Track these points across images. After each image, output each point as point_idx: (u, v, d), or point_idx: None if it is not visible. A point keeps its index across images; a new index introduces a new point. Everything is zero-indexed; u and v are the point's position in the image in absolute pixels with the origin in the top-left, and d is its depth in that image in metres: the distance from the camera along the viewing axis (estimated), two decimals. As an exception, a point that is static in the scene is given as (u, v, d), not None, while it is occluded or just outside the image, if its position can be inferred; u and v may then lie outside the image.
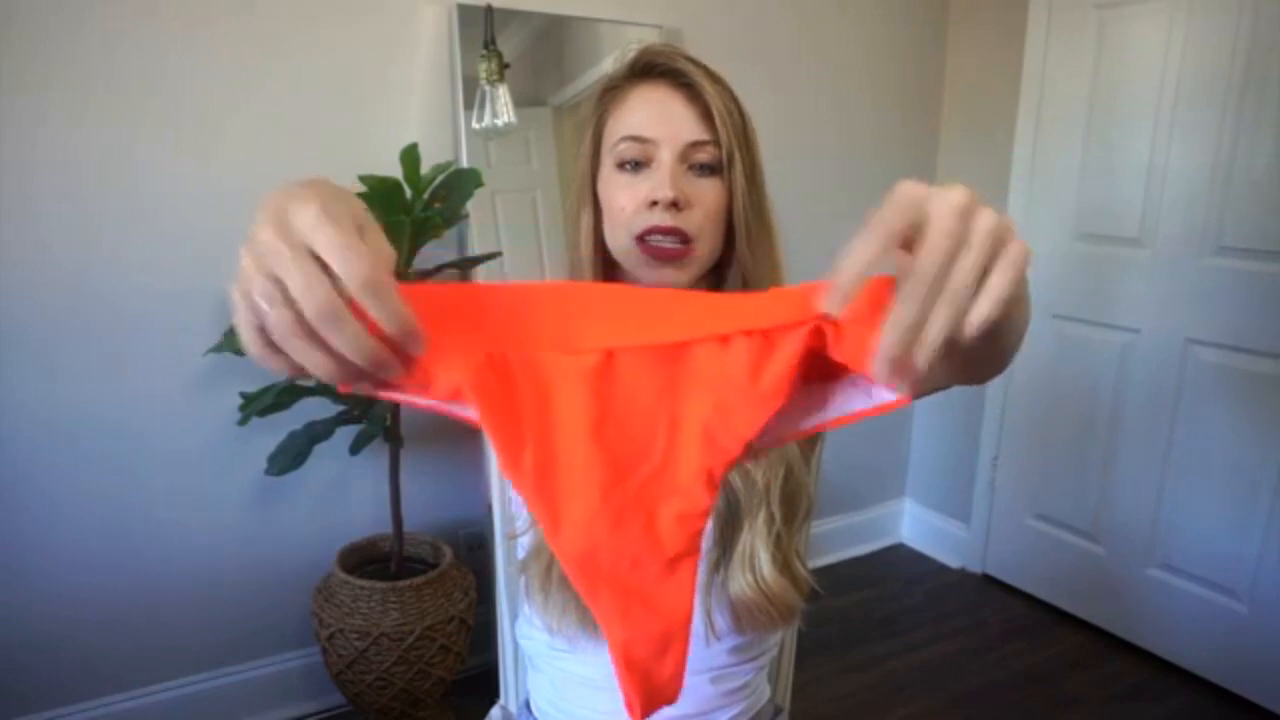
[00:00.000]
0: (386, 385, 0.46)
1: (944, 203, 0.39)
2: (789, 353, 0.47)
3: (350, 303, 0.40)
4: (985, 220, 0.40)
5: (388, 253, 0.42)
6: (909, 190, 0.40)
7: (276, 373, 0.43)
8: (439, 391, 0.47)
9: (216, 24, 1.61)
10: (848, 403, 0.51)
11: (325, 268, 0.39)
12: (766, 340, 0.47)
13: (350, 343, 0.40)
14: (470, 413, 0.48)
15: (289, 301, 0.39)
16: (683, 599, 0.48)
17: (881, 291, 0.43)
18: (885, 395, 0.48)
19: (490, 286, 0.49)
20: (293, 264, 0.38)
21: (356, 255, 0.39)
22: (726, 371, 0.48)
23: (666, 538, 0.48)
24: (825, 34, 2.34)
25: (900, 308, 0.40)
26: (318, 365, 0.41)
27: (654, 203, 0.75)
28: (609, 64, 0.84)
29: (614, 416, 0.49)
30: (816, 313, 0.45)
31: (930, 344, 0.40)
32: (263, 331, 0.40)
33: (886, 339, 0.40)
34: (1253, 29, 1.90)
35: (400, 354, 0.43)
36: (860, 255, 0.40)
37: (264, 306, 0.39)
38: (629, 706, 0.48)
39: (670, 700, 0.49)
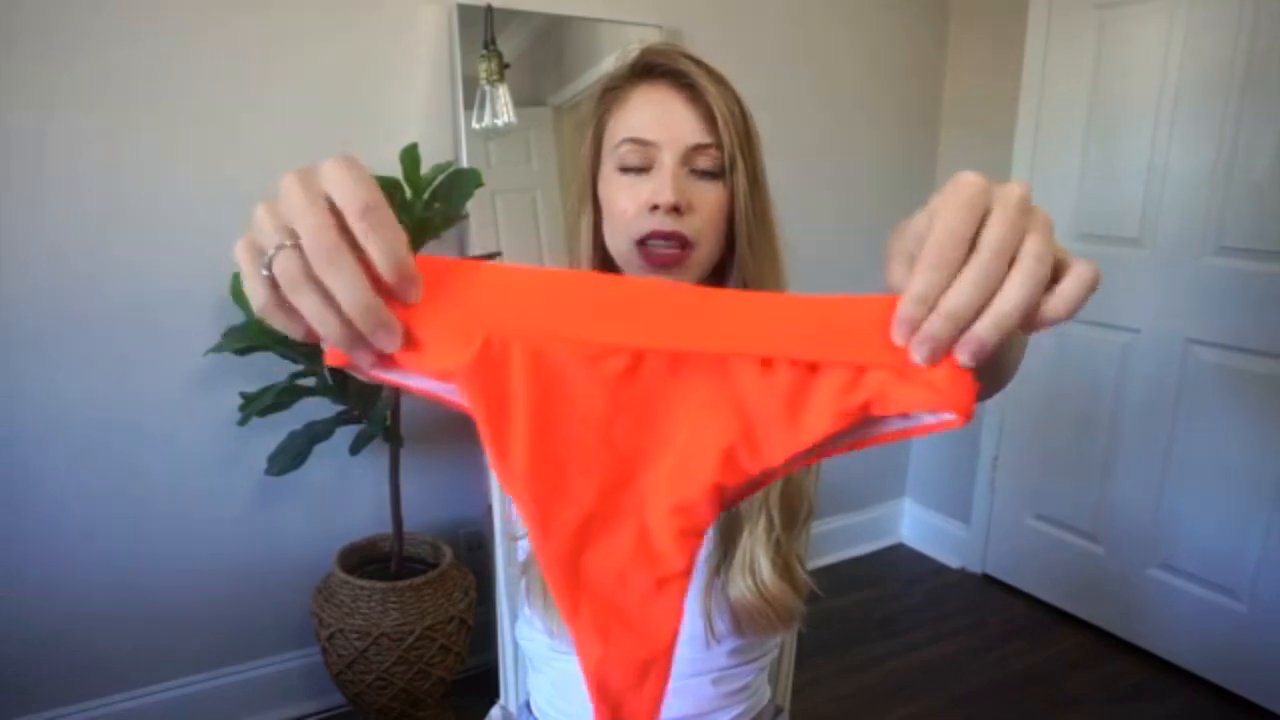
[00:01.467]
0: (383, 361, 0.43)
1: (1009, 196, 0.38)
2: (840, 395, 0.42)
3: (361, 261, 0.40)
4: (1041, 214, 0.39)
5: (400, 231, 0.42)
6: (970, 184, 0.38)
7: (282, 329, 0.42)
8: (430, 369, 0.44)
9: (217, 25, 1.61)
10: (886, 425, 0.45)
11: (337, 215, 0.39)
12: (812, 372, 0.43)
13: (348, 284, 0.39)
14: (463, 399, 0.45)
15: (296, 244, 0.39)
16: (668, 623, 0.44)
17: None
18: (929, 419, 0.43)
19: (513, 267, 0.45)
20: (306, 204, 0.39)
21: (365, 186, 0.39)
22: (764, 398, 0.44)
23: (661, 554, 0.44)
24: (825, 34, 2.34)
25: (966, 276, 0.37)
26: (316, 313, 0.40)
27: (655, 206, 0.74)
28: (609, 64, 0.84)
29: (628, 418, 0.45)
30: (892, 354, 0.41)
31: (1000, 318, 0.37)
32: (269, 283, 0.40)
33: (912, 293, 0.38)
34: (1253, 28, 1.90)
35: (397, 308, 0.42)
36: (935, 285, 0.38)
37: (271, 250, 0.39)
38: None
39: None
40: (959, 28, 2.55)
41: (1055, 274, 0.38)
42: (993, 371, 0.53)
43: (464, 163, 1.81)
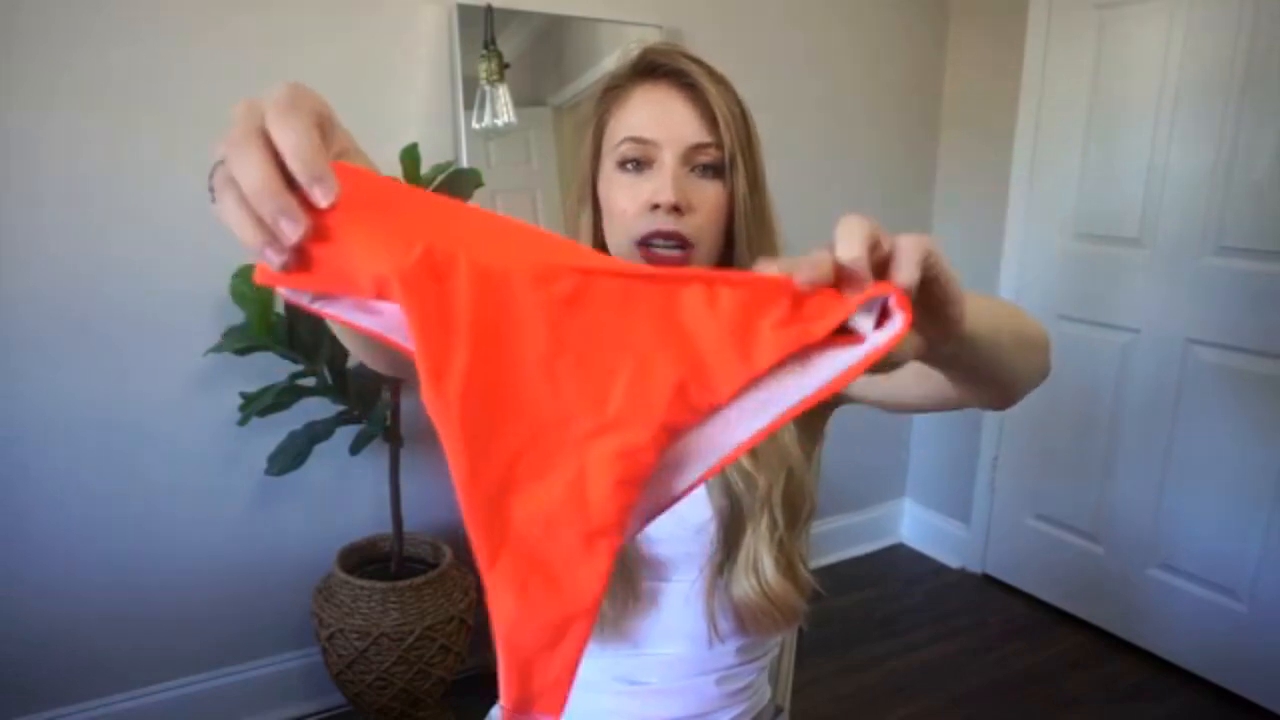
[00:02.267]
0: (315, 287, 0.42)
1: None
2: (783, 321, 0.40)
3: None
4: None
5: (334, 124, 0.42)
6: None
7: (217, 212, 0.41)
8: (364, 285, 0.41)
9: (217, 25, 1.61)
10: (836, 361, 0.42)
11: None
12: (755, 297, 0.41)
13: (250, 171, 0.39)
14: (403, 337, 0.41)
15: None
16: (591, 585, 0.41)
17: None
18: (878, 338, 0.40)
19: (447, 199, 0.43)
20: (239, 114, 0.40)
21: (294, 93, 0.40)
22: (712, 329, 0.41)
23: (595, 505, 0.41)
24: (825, 35, 2.34)
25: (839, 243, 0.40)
26: (231, 209, 0.40)
27: (655, 206, 0.75)
28: (610, 64, 0.84)
29: (573, 351, 0.41)
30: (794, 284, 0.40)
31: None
32: (210, 191, 0.41)
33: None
34: (1253, 28, 1.90)
35: (324, 216, 0.40)
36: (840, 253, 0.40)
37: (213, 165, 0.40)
38: (502, 708, 0.42)
39: (549, 712, 0.42)
40: (959, 27, 2.55)
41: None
42: (981, 376, 0.57)
43: (464, 163, 1.81)
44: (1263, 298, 1.94)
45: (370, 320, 0.43)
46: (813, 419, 0.85)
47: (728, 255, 0.80)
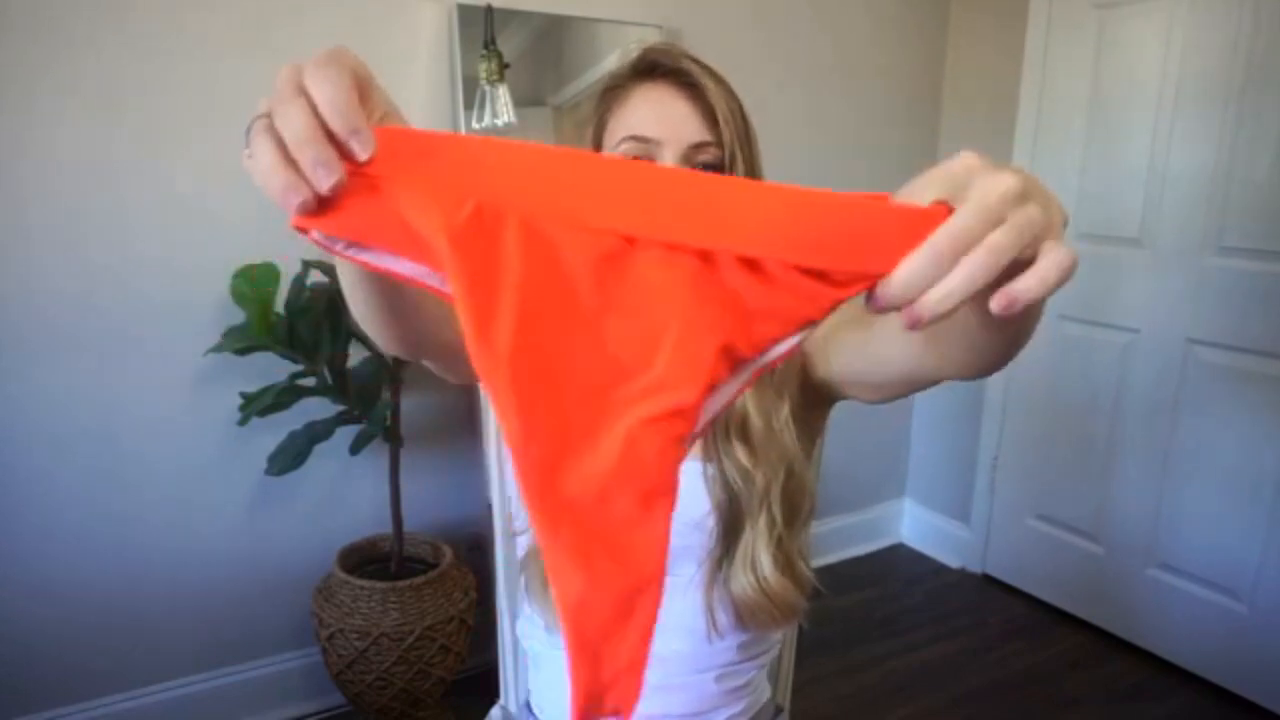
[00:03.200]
0: (355, 236, 0.41)
1: (992, 182, 0.39)
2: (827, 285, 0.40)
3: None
4: (1031, 210, 0.39)
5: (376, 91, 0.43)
6: (958, 164, 0.40)
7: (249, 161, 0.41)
8: (409, 238, 0.41)
9: (216, 25, 1.61)
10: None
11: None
12: (800, 274, 0.40)
13: (291, 121, 0.39)
14: (439, 277, 0.41)
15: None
16: (653, 549, 0.39)
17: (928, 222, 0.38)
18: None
19: (496, 140, 0.42)
20: (283, 75, 0.40)
21: (335, 53, 0.41)
22: (757, 290, 0.40)
23: (648, 465, 0.39)
24: (824, 37, 2.34)
25: (924, 254, 0.38)
26: (266, 155, 0.40)
27: None
28: (609, 64, 0.84)
29: (620, 310, 0.41)
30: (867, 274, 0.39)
31: (939, 301, 0.38)
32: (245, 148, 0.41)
33: (904, 276, 0.39)
34: (1253, 29, 1.90)
35: (368, 170, 0.40)
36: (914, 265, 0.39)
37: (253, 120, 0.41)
38: (573, 705, 0.40)
39: (619, 710, 0.39)
40: (958, 29, 2.55)
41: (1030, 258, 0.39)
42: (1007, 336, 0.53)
43: (464, 163, 1.81)
44: (1263, 298, 1.94)
45: (408, 267, 0.43)
46: (811, 415, 0.85)
47: None
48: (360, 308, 0.57)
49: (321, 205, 0.40)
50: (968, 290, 0.38)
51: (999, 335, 0.50)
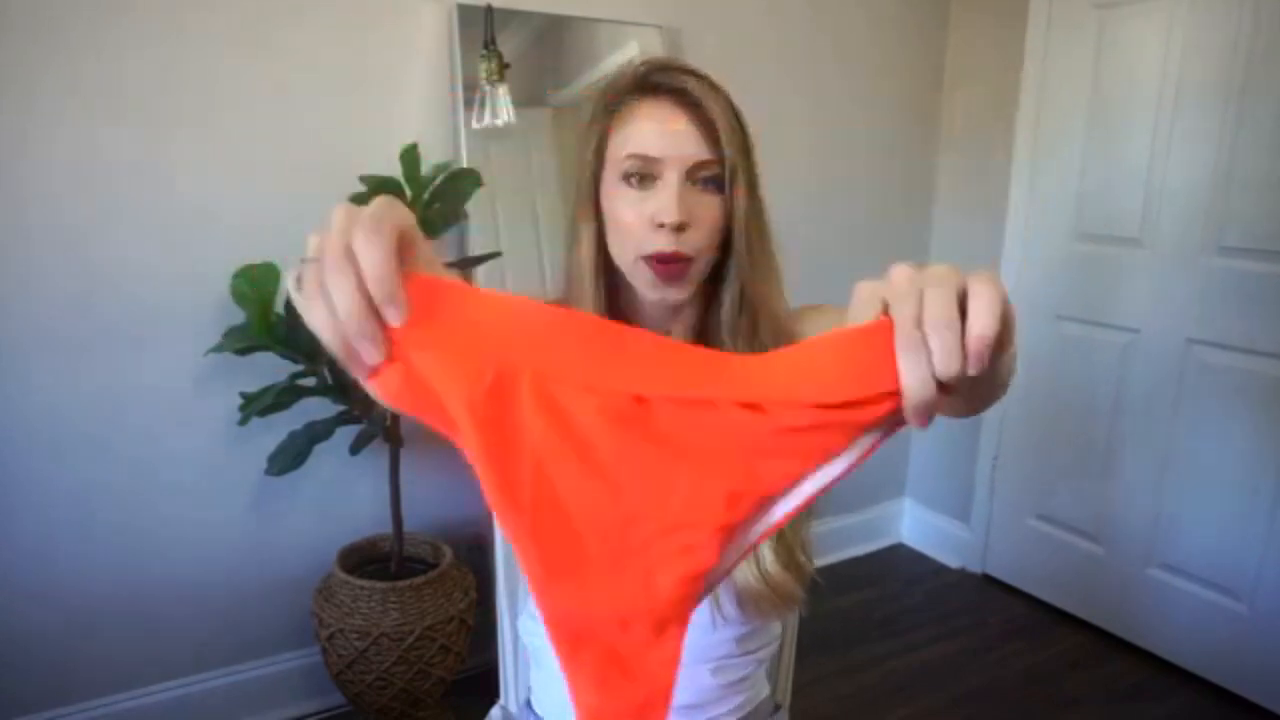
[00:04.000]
0: (389, 395, 0.45)
1: (895, 276, 0.44)
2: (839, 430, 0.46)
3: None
4: (936, 267, 0.44)
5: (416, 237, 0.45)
6: (876, 284, 0.44)
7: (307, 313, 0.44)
8: (436, 407, 0.45)
9: (216, 25, 1.61)
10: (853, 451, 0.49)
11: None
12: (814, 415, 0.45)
13: (340, 291, 0.42)
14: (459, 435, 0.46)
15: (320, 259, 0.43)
16: (665, 670, 0.44)
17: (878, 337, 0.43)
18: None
19: (512, 298, 0.46)
20: (335, 225, 0.43)
21: (382, 209, 0.43)
22: (763, 437, 0.44)
23: (663, 597, 0.44)
24: (823, 38, 2.34)
25: (903, 359, 0.42)
26: (321, 319, 0.43)
27: (660, 224, 0.77)
28: (609, 64, 0.85)
29: (633, 461, 0.44)
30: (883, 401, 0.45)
31: (944, 373, 0.42)
32: (295, 289, 0.44)
33: (907, 386, 0.42)
34: (1253, 29, 1.90)
35: (382, 326, 0.43)
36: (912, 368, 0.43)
37: (299, 264, 0.44)
38: None
39: None
40: (959, 29, 2.55)
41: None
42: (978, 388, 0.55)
43: (464, 163, 1.81)
44: (1263, 298, 1.94)
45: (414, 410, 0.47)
46: None
47: (724, 259, 0.82)
48: None
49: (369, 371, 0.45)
50: (955, 342, 0.42)
51: (981, 384, 0.53)
